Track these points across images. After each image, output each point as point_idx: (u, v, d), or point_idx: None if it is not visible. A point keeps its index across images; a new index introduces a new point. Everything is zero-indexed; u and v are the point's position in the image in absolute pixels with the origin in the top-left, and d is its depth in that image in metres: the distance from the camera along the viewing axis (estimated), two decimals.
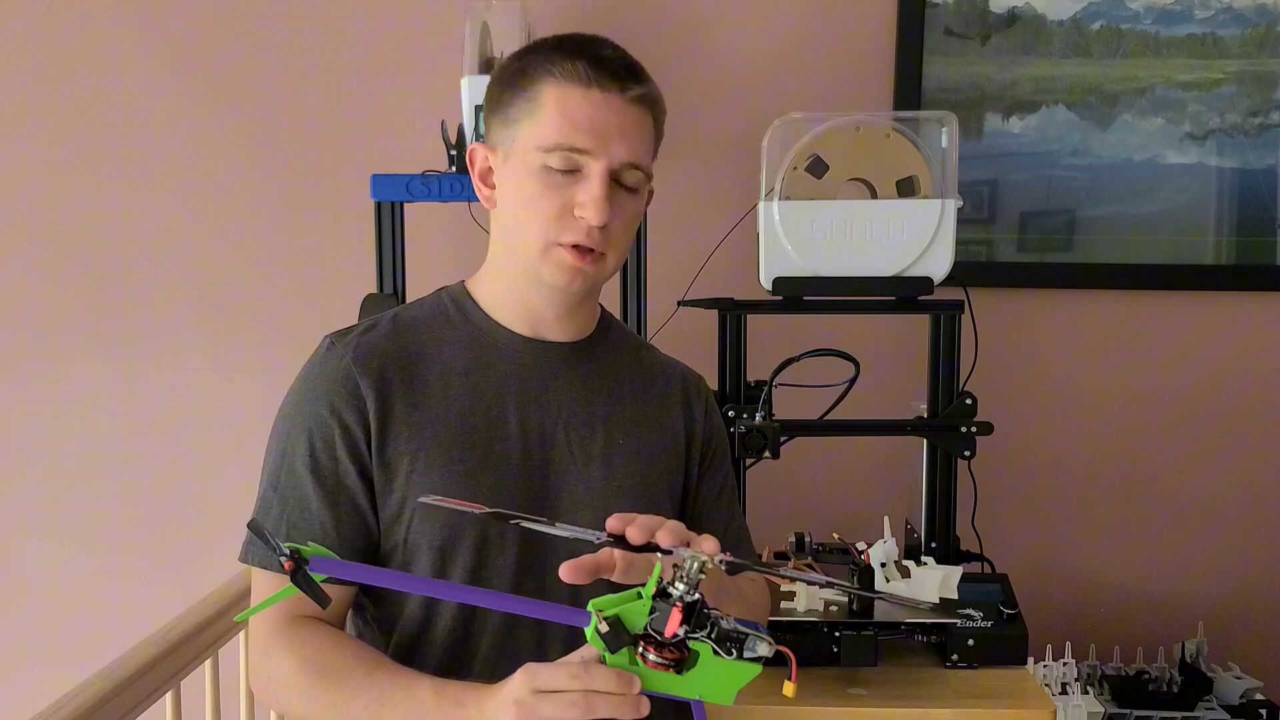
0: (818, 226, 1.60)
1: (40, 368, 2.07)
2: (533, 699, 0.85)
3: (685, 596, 0.83)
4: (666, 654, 0.83)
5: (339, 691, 0.98)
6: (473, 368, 1.09)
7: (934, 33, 1.98)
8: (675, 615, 0.82)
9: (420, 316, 1.13)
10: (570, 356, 1.13)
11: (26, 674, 2.01)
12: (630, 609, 0.84)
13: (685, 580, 0.83)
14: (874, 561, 1.50)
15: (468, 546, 1.04)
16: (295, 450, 1.05)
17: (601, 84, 1.03)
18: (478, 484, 1.04)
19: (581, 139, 1.02)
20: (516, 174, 1.06)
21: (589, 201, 1.02)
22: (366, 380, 1.05)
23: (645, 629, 0.84)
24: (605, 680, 0.83)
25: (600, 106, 1.03)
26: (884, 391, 1.74)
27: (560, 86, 1.03)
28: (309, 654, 1.00)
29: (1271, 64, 1.99)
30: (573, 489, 1.08)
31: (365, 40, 2.01)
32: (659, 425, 1.13)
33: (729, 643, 0.84)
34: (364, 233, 1.76)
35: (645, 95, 1.06)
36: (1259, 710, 1.77)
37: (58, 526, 2.09)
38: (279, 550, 0.80)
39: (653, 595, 0.83)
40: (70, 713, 1.14)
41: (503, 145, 1.07)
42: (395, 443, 1.04)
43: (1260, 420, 2.05)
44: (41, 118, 2.03)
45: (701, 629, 0.83)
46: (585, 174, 1.03)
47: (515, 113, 1.06)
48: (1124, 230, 2.01)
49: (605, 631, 0.83)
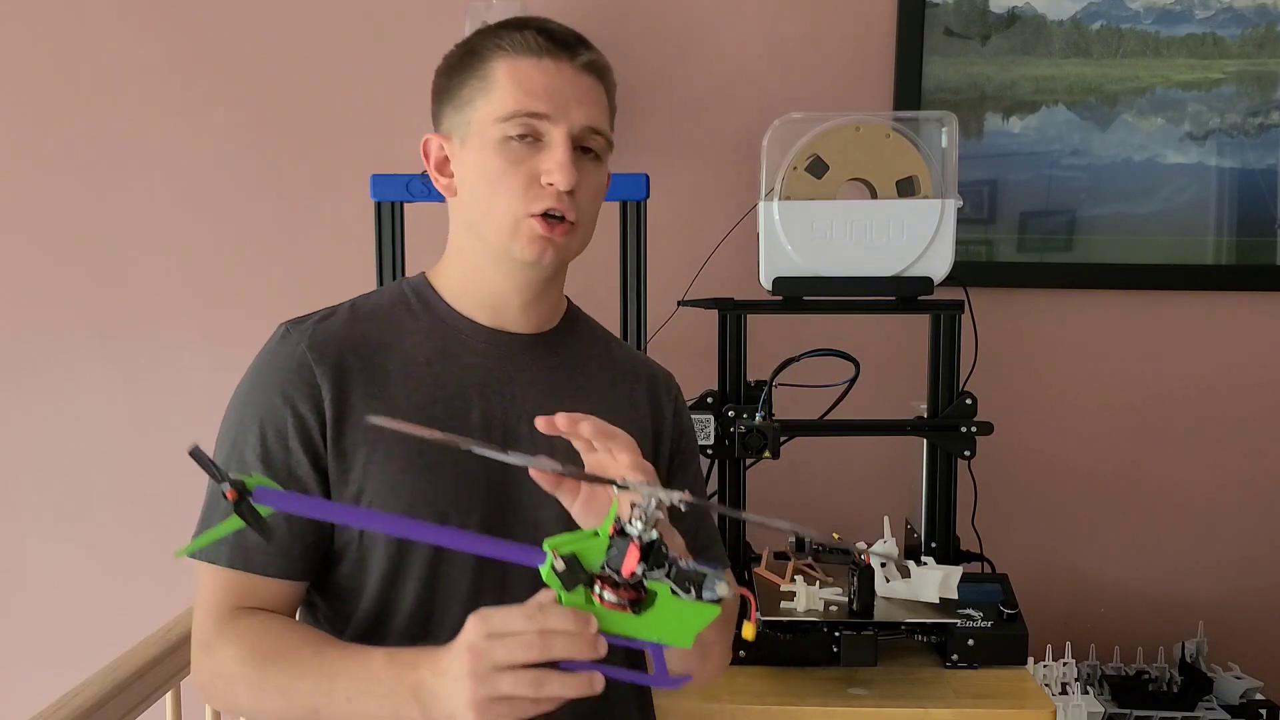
0: (818, 226, 1.60)
1: (40, 367, 2.07)
2: (486, 643, 0.82)
3: (643, 535, 0.80)
4: (623, 593, 0.82)
5: (287, 674, 0.95)
6: (435, 358, 1.07)
7: (934, 33, 1.98)
8: (633, 553, 0.80)
9: (380, 305, 1.11)
10: (535, 348, 1.11)
11: (26, 674, 2.01)
12: (587, 547, 0.82)
13: (643, 519, 0.80)
14: (874, 561, 1.50)
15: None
16: (246, 440, 1.02)
17: (552, 52, 1.03)
18: (438, 476, 1.02)
19: (539, 104, 1.02)
20: (476, 153, 1.05)
21: (555, 166, 1.02)
22: (323, 368, 1.02)
23: (602, 568, 0.82)
24: (561, 619, 0.81)
25: (553, 74, 1.03)
26: (884, 391, 1.75)
27: (511, 59, 1.03)
28: (254, 641, 0.97)
29: (1271, 64, 2.00)
30: (536, 483, 1.07)
31: (365, 40, 2.01)
32: (626, 421, 1.10)
33: (687, 582, 0.82)
34: (364, 233, 1.76)
35: (595, 62, 1.07)
36: (1259, 710, 1.77)
37: (58, 526, 2.09)
38: (223, 477, 0.78)
39: (610, 533, 0.82)
40: (70, 713, 1.14)
41: (458, 131, 1.07)
42: (353, 433, 1.02)
43: (1260, 420, 2.05)
44: (41, 118, 2.03)
45: (659, 568, 0.81)
46: (548, 141, 1.03)
47: (468, 93, 1.05)
48: (1124, 230, 2.01)
49: (561, 570, 0.81)
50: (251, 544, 1.00)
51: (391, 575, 1.02)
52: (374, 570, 1.03)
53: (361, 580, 1.04)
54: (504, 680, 0.81)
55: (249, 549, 1.00)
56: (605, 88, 1.08)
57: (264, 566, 1.00)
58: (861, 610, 1.49)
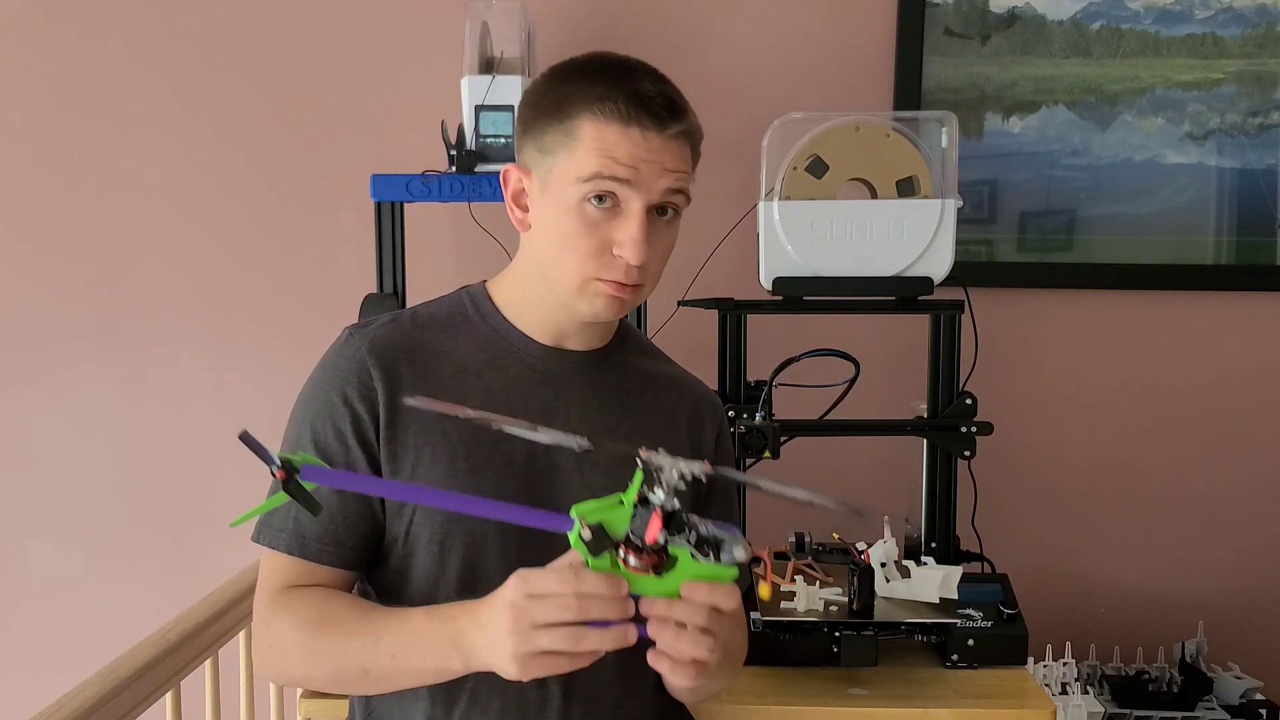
0: (818, 226, 1.60)
1: (40, 367, 2.07)
2: (527, 602, 0.87)
3: (665, 504, 0.86)
4: (646, 558, 0.87)
5: (336, 638, 1.00)
6: (486, 368, 1.10)
7: (934, 33, 1.98)
8: (655, 521, 0.86)
9: (439, 314, 1.14)
10: (584, 365, 1.14)
11: (26, 674, 2.01)
12: (612, 515, 0.88)
13: (665, 488, 0.86)
14: (874, 561, 1.50)
15: (463, 540, 1.05)
16: (305, 436, 1.06)
17: (641, 122, 1.01)
18: (480, 482, 1.05)
19: (620, 172, 1.01)
20: (554, 208, 1.04)
21: (628, 241, 1.02)
22: (380, 372, 1.05)
23: (627, 535, 0.87)
24: (595, 583, 0.86)
25: (639, 145, 1.01)
26: (884, 391, 1.74)
27: (598, 123, 1.01)
28: (305, 612, 1.02)
29: (1271, 64, 2.00)
30: (576, 494, 1.08)
31: (365, 40, 2.01)
32: (665, 437, 1.13)
33: (706, 546, 0.88)
34: (364, 233, 1.76)
35: (685, 131, 1.05)
36: (1259, 710, 1.77)
37: (58, 526, 2.09)
38: (270, 459, 0.83)
39: (634, 502, 0.87)
40: (70, 713, 1.14)
41: (538, 172, 1.06)
42: (404, 435, 1.05)
43: (1260, 420, 2.05)
44: (41, 118, 2.03)
45: (680, 534, 0.87)
46: (624, 211, 1.03)
47: (551, 143, 1.04)
48: (1124, 230, 2.01)
49: (588, 538, 0.87)
50: (309, 533, 1.04)
51: (434, 569, 1.06)
52: (418, 566, 1.07)
53: (406, 575, 1.08)
54: (543, 637, 0.87)
55: (306, 537, 1.05)
56: (693, 148, 1.08)
57: (319, 555, 1.05)
58: (861, 610, 1.48)
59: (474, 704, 1.06)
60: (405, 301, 1.73)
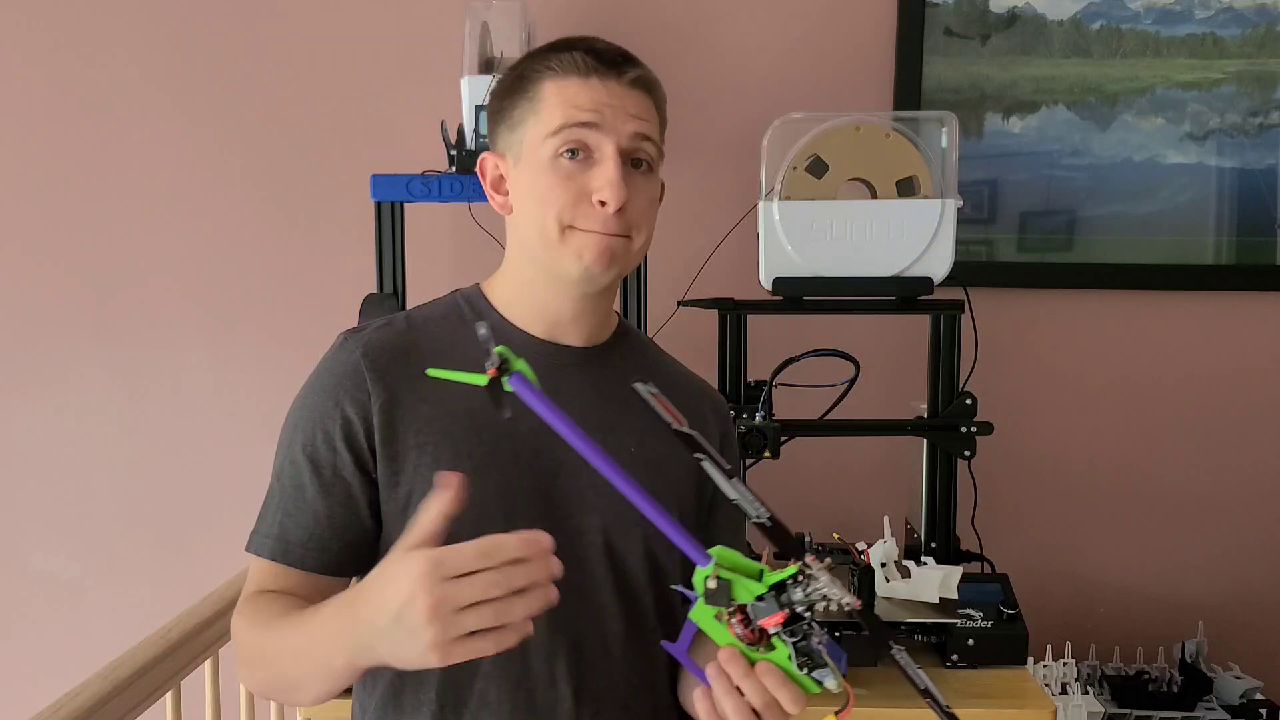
0: (818, 226, 1.60)
1: (40, 368, 2.07)
2: (445, 586, 0.80)
3: (797, 607, 0.84)
4: (748, 634, 0.86)
5: (266, 632, 0.98)
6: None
7: (934, 33, 1.98)
8: (778, 617, 0.84)
9: (434, 315, 1.14)
10: (585, 361, 1.13)
11: (26, 674, 2.01)
12: (744, 583, 0.86)
13: (805, 594, 0.84)
14: (874, 561, 1.50)
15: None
16: (297, 440, 1.06)
17: (599, 71, 1.04)
18: (484, 480, 1.04)
19: (586, 117, 1.03)
20: (528, 172, 1.06)
21: (605, 184, 1.03)
22: (374, 375, 1.05)
23: (744, 605, 0.86)
24: (514, 548, 0.80)
25: (600, 91, 1.04)
26: (884, 391, 1.75)
27: (559, 79, 1.05)
28: (254, 616, 1.01)
29: (1271, 64, 1.99)
30: (581, 492, 1.08)
31: (365, 41, 2.01)
32: (664, 436, 1.12)
33: (806, 658, 0.86)
34: (364, 233, 1.76)
35: (643, 77, 1.07)
36: (1259, 710, 1.77)
37: (58, 527, 2.09)
38: (490, 350, 0.83)
39: (771, 584, 0.85)
40: (70, 713, 1.14)
41: (511, 150, 1.08)
42: (404, 436, 1.05)
43: (1260, 420, 2.05)
44: (42, 119, 2.03)
45: (792, 637, 0.85)
46: (598, 158, 1.04)
47: (519, 115, 1.07)
48: (1124, 230, 2.01)
49: (713, 587, 0.85)
50: (293, 539, 1.04)
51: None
52: None
53: None
54: (470, 618, 0.79)
55: (290, 543, 1.04)
56: (654, 101, 1.09)
57: (302, 560, 1.04)
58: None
59: (483, 706, 1.05)
60: (405, 302, 1.73)
